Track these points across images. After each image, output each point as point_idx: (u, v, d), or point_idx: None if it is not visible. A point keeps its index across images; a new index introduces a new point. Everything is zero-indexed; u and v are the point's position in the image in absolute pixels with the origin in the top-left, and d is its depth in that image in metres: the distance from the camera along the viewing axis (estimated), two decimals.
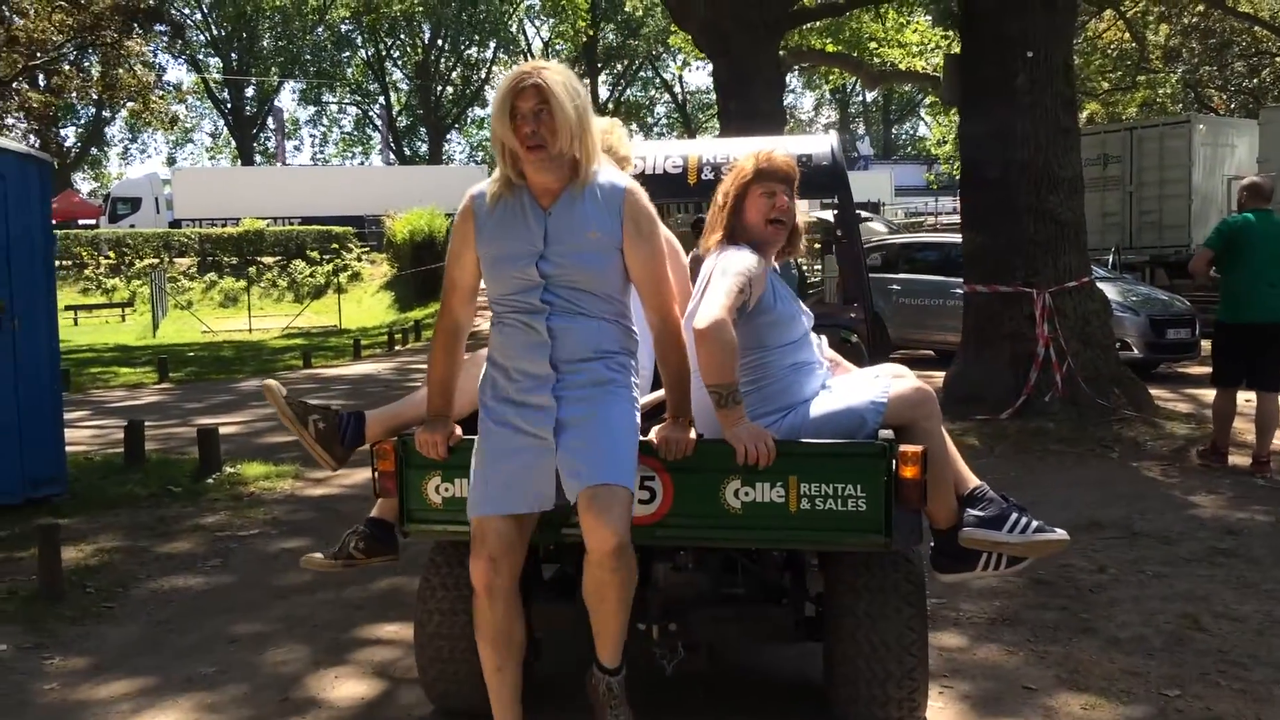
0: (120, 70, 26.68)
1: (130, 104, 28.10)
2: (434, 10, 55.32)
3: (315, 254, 37.02)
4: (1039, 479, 7.20)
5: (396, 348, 20.27)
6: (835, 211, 4.27)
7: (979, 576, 3.21)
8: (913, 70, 27.70)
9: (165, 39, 27.52)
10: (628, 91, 66.99)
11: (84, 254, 38.06)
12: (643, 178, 3.94)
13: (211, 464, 7.47)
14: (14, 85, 26.08)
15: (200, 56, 59.92)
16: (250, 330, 27.07)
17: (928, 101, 45.49)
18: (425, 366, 3.18)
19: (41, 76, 29.02)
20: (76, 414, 11.46)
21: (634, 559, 2.75)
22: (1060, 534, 3.05)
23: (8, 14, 24.18)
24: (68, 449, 8.79)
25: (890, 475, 2.82)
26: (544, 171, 2.78)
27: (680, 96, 65.47)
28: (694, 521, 2.93)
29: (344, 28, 58.43)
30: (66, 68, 27.64)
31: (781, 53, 23.03)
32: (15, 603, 4.77)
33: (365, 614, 4.63)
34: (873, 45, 26.47)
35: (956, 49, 25.33)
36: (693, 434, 2.90)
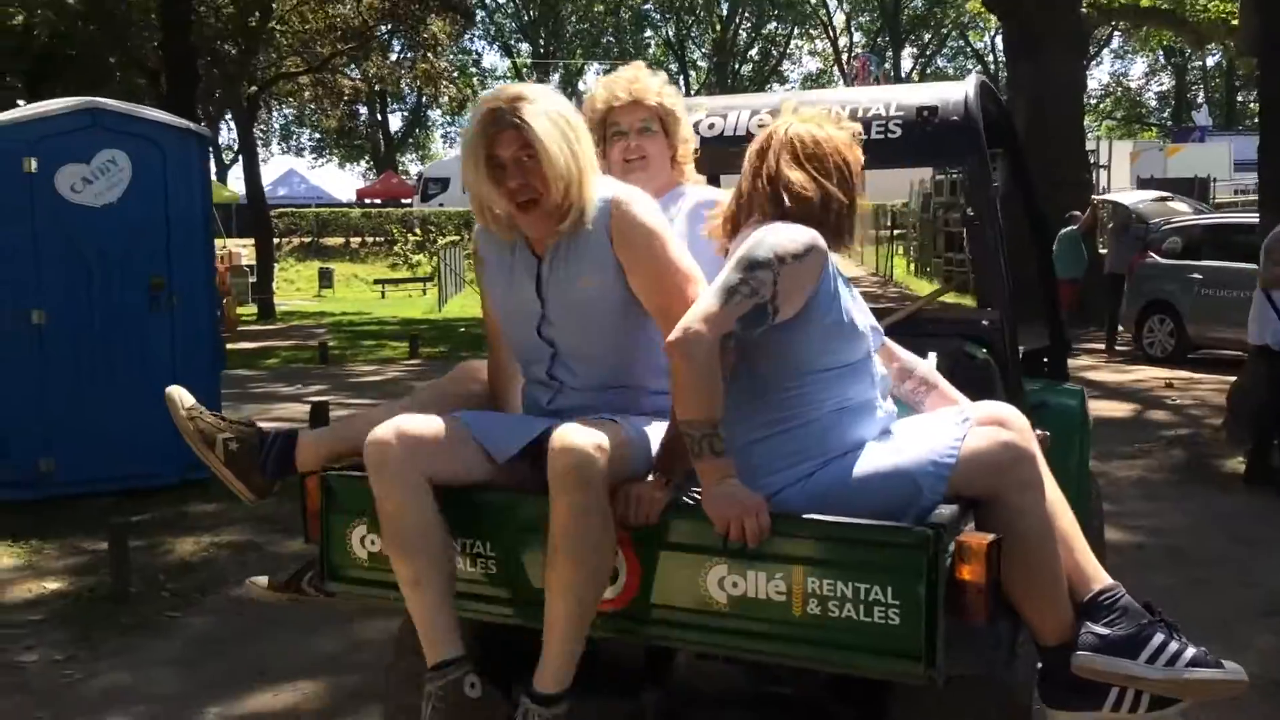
0: (415, 57, 27.98)
1: (428, 90, 29.39)
2: None
3: None
4: None
5: None
6: (968, 184, 3.11)
7: None
8: None
9: (460, 26, 28.39)
10: (935, 62, 63.89)
11: (395, 231, 40.59)
12: (720, 140, 3.23)
13: None
14: (331, 70, 27.87)
15: (511, 42, 62.95)
16: None
17: None
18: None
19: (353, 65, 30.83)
20: (313, 388, 11.78)
21: (606, 524, 2.07)
22: (1233, 671, 2.09)
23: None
24: (273, 425, 8.95)
25: (937, 576, 1.92)
26: (540, 224, 2.25)
27: (993, 66, 61.54)
28: (665, 615, 2.15)
29: (645, 8, 59.39)
30: (378, 57, 29.19)
31: (1085, 9, 20.73)
32: (84, 603, 4.55)
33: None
34: (1197, 6, 23.22)
35: None
36: (666, 497, 2.14)
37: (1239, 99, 63.19)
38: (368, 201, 50.30)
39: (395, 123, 66.07)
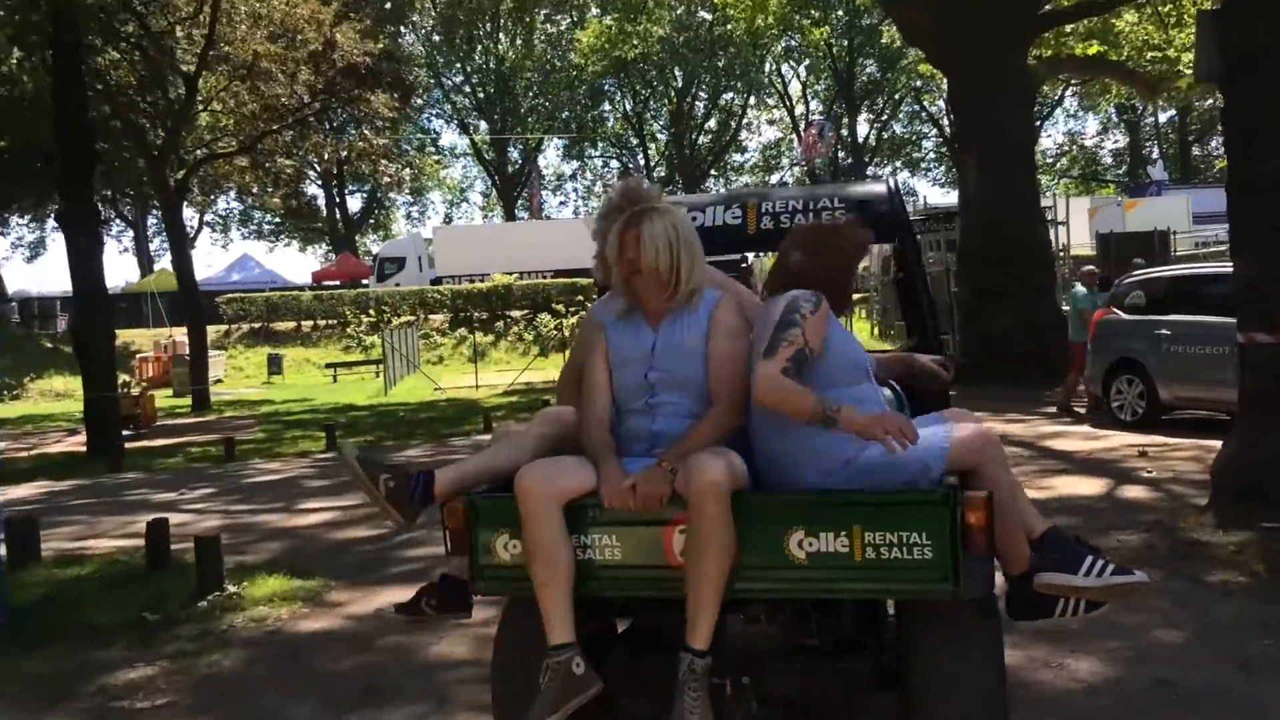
0: (353, 133, 27.18)
1: (363, 168, 28.63)
2: (682, 57, 54.90)
3: (560, 307, 36.78)
4: None
5: None
6: (898, 253, 4.20)
7: (1056, 623, 3.11)
8: None
9: (396, 102, 27.56)
10: (891, 126, 63.89)
11: (348, 313, 39.52)
12: (701, 230, 3.78)
13: (210, 581, 6.02)
14: (266, 150, 26.96)
15: (468, 120, 62.44)
16: (476, 387, 26.60)
17: None
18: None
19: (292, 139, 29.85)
20: (198, 493, 10.58)
21: (732, 524, 2.86)
22: (1140, 576, 2.99)
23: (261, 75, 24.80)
24: (114, 544, 7.78)
25: (956, 522, 2.80)
26: (645, 291, 3.23)
27: (949, 129, 61.55)
28: (760, 574, 2.94)
29: (603, 84, 59.16)
30: (320, 135, 28.31)
31: (1032, 62, 20.11)
32: None
33: None
34: (1149, 53, 22.70)
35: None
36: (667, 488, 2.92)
37: (1194, 152, 63.48)
38: (324, 284, 49.20)
39: (355, 204, 65.38)
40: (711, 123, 63.42)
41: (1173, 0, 19.93)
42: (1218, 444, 9.59)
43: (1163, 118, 62.70)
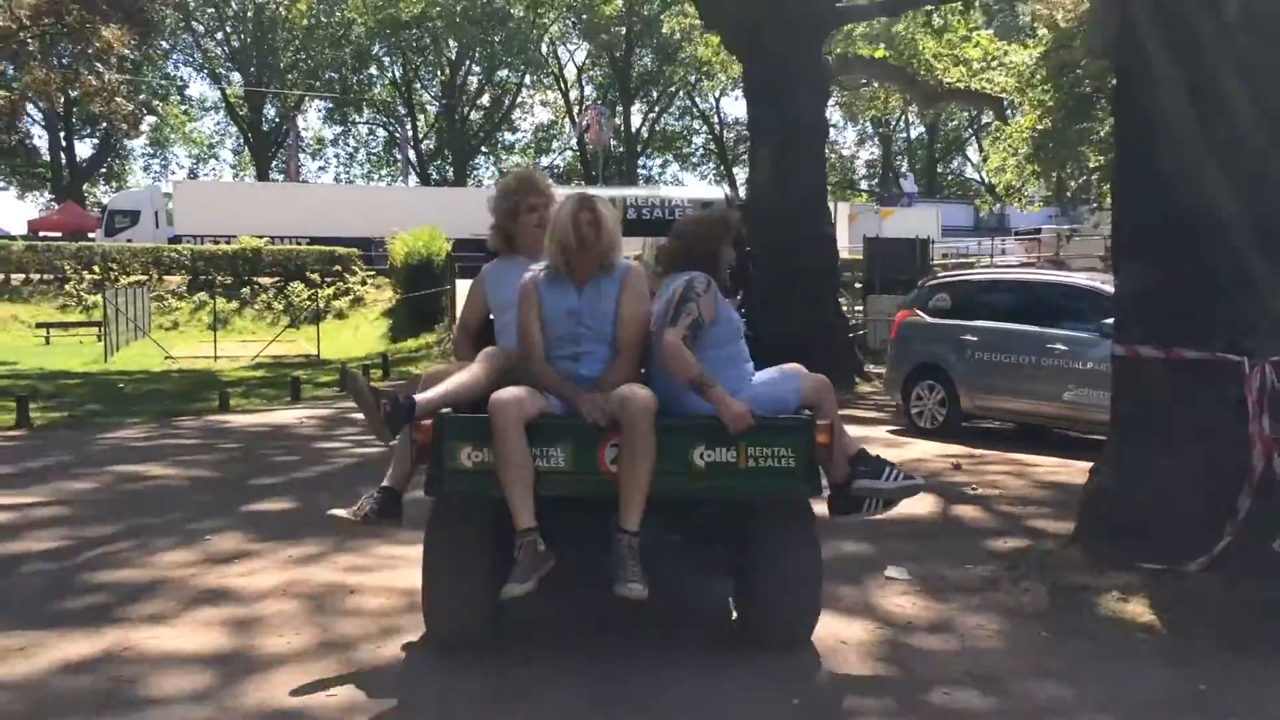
0: (83, 67, 23.90)
1: (93, 106, 25.29)
2: (458, 27, 52.64)
3: (316, 276, 34.15)
4: (1263, 688, 3.78)
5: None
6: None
7: (863, 519, 4.38)
8: (974, 90, 24.33)
9: (132, 36, 24.36)
10: (663, 120, 63.86)
11: (68, 267, 35.28)
12: None
13: None
14: None
15: (222, 71, 57.71)
16: (215, 358, 23.93)
17: (983, 127, 42.13)
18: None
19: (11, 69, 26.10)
20: None
21: (655, 439, 3.88)
22: (919, 481, 4.41)
23: None
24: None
25: (812, 441, 4.01)
26: (588, 261, 4.17)
27: (718, 128, 62.10)
28: (671, 478, 3.95)
29: (372, 46, 55.95)
30: (34, 63, 24.70)
31: (828, 57, 19.81)
32: None
33: None
34: (925, 68, 22.99)
35: (1027, 57, 21.80)
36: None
37: (939, 169, 67.06)
38: (42, 235, 44.03)
39: (86, 150, 59.11)
40: (485, 98, 61.42)
41: (961, 13, 20.04)
42: (1026, 457, 9.24)
43: (913, 133, 65.94)
